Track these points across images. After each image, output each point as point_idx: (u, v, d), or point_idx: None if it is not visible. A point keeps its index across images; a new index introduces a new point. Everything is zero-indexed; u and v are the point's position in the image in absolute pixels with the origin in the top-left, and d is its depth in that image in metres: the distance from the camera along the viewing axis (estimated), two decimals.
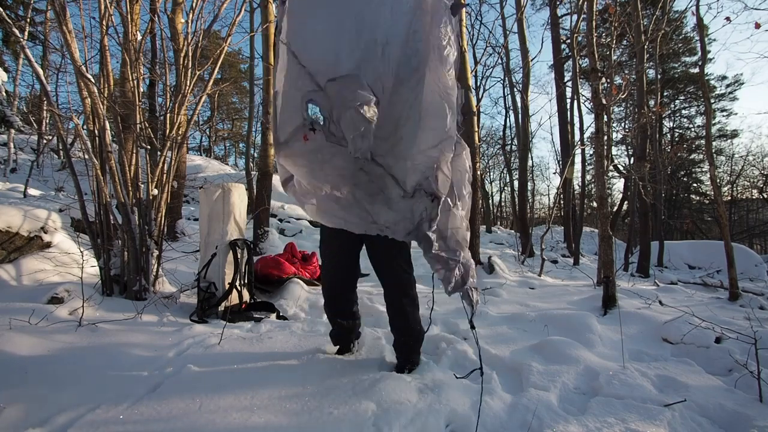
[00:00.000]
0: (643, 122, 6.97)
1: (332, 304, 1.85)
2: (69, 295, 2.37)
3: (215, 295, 2.57)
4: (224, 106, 20.25)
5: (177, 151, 3.03)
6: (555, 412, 1.45)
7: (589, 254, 11.04)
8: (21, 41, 2.81)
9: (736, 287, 4.12)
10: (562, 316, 2.59)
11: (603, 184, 3.41)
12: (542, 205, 23.17)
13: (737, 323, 2.61)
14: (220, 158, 21.13)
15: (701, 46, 5.20)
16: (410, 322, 1.76)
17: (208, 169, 12.80)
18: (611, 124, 9.66)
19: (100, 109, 2.52)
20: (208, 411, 1.35)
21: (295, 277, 3.42)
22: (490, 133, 21.27)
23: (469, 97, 5.31)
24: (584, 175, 9.66)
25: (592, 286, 4.41)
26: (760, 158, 18.01)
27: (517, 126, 12.46)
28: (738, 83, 17.78)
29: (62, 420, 1.25)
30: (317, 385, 1.55)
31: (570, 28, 11.14)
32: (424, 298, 1.85)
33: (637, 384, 1.67)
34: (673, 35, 13.54)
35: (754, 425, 1.41)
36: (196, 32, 3.01)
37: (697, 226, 17.66)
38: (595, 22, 3.68)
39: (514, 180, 15.99)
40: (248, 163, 9.53)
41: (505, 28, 11.86)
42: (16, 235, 2.67)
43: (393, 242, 1.71)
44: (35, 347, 1.73)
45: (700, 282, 5.81)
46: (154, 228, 2.76)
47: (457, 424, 1.38)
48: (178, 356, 1.83)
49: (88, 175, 2.80)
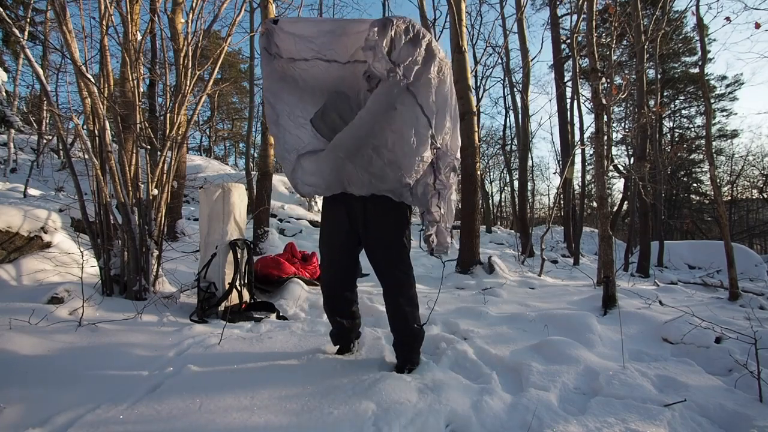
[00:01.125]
0: (643, 122, 6.97)
1: (331, 304, 1.85)
2: (69, 295, 2.37)
3: (215, 295, 2.57)
4: (224, 106, 20.24)
5: (177, 151, 3.03)
6: (555, 412, 1.44)
7: (589, 254, 11.04)
8: (21, 41, 2.81)
9: (736, 287, 4.12)
10: (562, 316, 2.58)
11: (603, 184, 3.41)
12: (542, 205, 23.20)
13: (737, 323, 2.61)
14: (220, 158, 21.13)
15: (701, 46, 5.20)
16: (409, 322, 1.76)
17: (208, 169, 12.80)
18: (611, 124, 9.67)
19: (100, 109, 2.52)
20: (208, 411, 1.35)
21: (295, 277, 3.42)
22: (490, 133, 21.27)
23: (469, 97, 5.31)
24: (584, 175, 9.66)
25: (592, 286, 4.41)
26: (760, 158, 18.02)
27: (517, 126, 12.46)
28: (738, 83, 17.80)
29: (62, 420, 1.25)
30: (317, 385, 1.55)
31: (570, 28, 11.15)
32: (424, 298, 1.85)
33: (637, 384, 1.67)
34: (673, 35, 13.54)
35: (754, 425, 1.41)
36: (196, 32, 3.01)
37: (697, 226, 17.66)
38: (595, 22, 3.68)
39: (514, 180, 15.99)
40: (248, 163, 9.53)
41: (505, 28, 11.87)
42: (16, 235, 2.67)
43: (391, 242, 1.72)
44: (35, 347, 1.73)
45: (700, 282, 5.81)
46: (154, 228, 2.76)
47: (457, 424, 1.38)
48: (178, 356, 1.83)
49: (88, 175, 2.80)
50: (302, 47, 1.65)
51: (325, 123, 1.71)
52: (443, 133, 1.66)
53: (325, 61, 1.66)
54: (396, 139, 1.59)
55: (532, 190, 14.20)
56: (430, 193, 1.70)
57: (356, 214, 1.73)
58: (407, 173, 1.61)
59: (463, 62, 5.36)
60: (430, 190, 1.69)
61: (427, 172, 1.69)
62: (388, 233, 1.72)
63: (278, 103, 1.77)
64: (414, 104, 1.57)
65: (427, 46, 1.55)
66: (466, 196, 5.22)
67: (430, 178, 1.70)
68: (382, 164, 1.62)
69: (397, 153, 1.60)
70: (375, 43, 1.42)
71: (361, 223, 1.73)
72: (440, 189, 1.71)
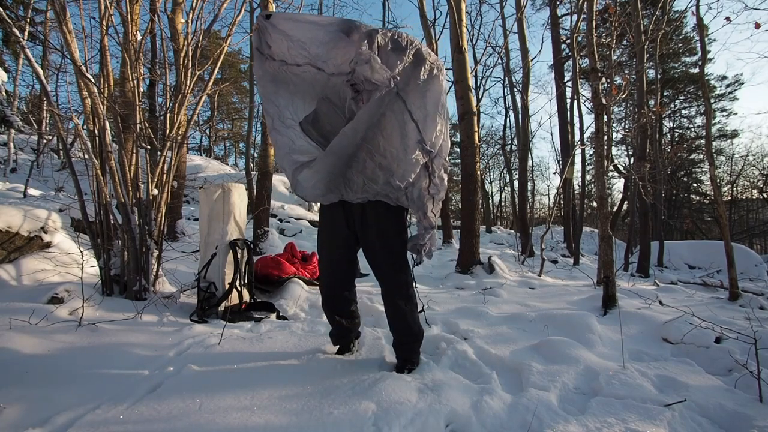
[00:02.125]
0: (643, 122, 6.97)
1: (330, 303, 1.86)
2: (69, 295, 2.37)
3: (215, 295, 2.57)
4: (224, 106, 20.25)
5: (177, 151, 3.03)
6: (555, 412, 1.44)
7: (589, 254, 11.05)
8: (21, 41, 2.81)
9: (736, 287, 4.12)
10: (562, 316, 2.58)
11: (603, 184, 3.41)
12: (542, 205, 23.21)
13: (737, 323, 2.61)
14: (220, 158, 21.13)
15: (701, 46, 5.20)
16: (408, 323, 1.76)
17: (208, 169, 12.81)
18: (611, 124, 9.67)
19: (100, 109, 2.52)
20: (208, 411, 1.35)
21: (295, 277, 3.42)
22: (490, 133, 21.32)
23: (469, 97, 5.31)
24: (584, 175, 9.66)
25: (592, 286, 4.41)
26: (760, 158, 18.02)
27: (517, 126, 12.46)
28: (738, 83, 17.80)
29: (62, 420, 1.25)
30: (317, 385, 1.55)
31: (570, 28, 11.15)
32: (424, 298, 1.85)
33: (637, 384, 1.67)
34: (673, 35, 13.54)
35: (754, 425, 1.41)
36: (196, 32, 3.01)
37: (697, 226, 17.67)
38: (595, 22, 3.68)
39: (514, 180, 16.00)
40: (248, 163, 9.52)
41: (505, 28, 11.88)
42: (16, 235, 2.67)
43: (389, 243, 1.72)
44: (35, 347, 1.73)
45: (700, 282, 5.81)
46: (154, 228, 2.76)
47: (457, 424, 1.38)
48: (179, 356, 1.83)
49: (88, 175, 2.80)
50: (296, 53, 1.64)
51: (315, 128, 1.72)
52: (434, 137, 1.66)
53: (316, 68, 1.66)
54: (386, 145, 1.62)
55: (532, 190, 14.20)
56: (425, 197, 1.70)
57: (354, 215, 1.74)
58: (397, 176, 1.63)
59: (463, 62, 5.36)
60: (425, 194, 1.70)
61: (422, 175, 1.69)
62: (385, 234, 1.73)
63: (270, 107, 1.77)
64: (403, 110, 1.59)
65: (416, 52, 1.57)
66: (466, 196, 5.22)
67: (424, 182, 1.70)
68: (374, 166, 1.64)
69: (388, 157, 1.62)
70: (370, 56, 1.44)
71: (359, 224, 1.74)
72: (434, 194, 1.72)
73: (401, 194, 1.68)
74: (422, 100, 1.61)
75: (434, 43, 7.87)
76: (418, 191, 1.69)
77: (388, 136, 1.62)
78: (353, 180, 1.66)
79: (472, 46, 11.77)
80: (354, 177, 1.66)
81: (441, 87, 1.66)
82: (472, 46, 11.77)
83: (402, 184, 1.64)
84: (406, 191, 1.68)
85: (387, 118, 1.60)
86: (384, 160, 1.63)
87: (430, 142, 1.65)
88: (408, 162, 1.62)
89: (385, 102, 1.57)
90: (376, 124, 1.61)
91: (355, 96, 1.68)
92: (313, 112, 1.74)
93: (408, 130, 1.61)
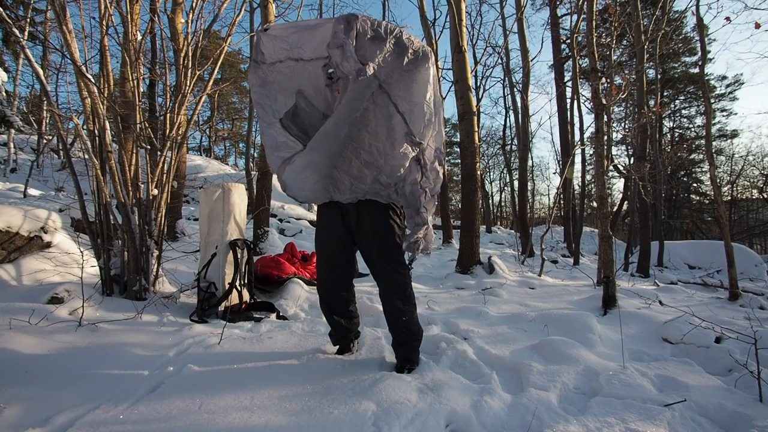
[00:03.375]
0: (643, 122, 6.97)
1: (328, 303, 1.86)
2: (69, 295, 2.37)
3: (215, 295, 2.57)
4: (224, 106, 20.25)
5: (177, 151, 3.03)
6: (555, 412, 1.44)
7: (589, 254, 11.04)
8: (21, 41, 2.80)
9: (736, 287, 4.12)
10: (562, 316, 2.58)
11: (603, 184, 3.41)
12: (542, 205, 23.23)
13: (737, 323, 2.61)
14: (220, 158, 21.14)
15: (701, 46, 5.20)
16: (407, 322, 1.76)
17: (208, 169, 12.82)
18: (611, 124, 9.66)
19: (100, 109, 2.52)
20: (208, 411, 1.35)
21: (295, 277, 3.42)
22: (490, 133, 21.35)
23: (469, 97, 5.31)
24: (584, 175, 9.66)
25: (592, 286, 4.41)
26: (760, 158, 18.00)
27: (517, 126, 12.47)
28: (738, 83, 17.79)
29: (62, 420, 1.25)
30: (317, 385, 1.55)
31: (570, 28, 11.14)
32: (424, 298, 1.85)
33: (637, 384, 1.67)
34: (673, 35, 13.54)
35: (754, 425, 1.41)
36: (196, 32, 3.01)
37: (697, 226, 17.65)
38: (595, 22, 3.69)
39: (514, 180, 16.00)
40: (248, 163, 9.52)
41: (505, 28, 11.88)
42: (16, 235, 2.67)
43: (385, 242, 1.72)
44: (35, 347, 1.73)
45: (700, 282, 5.80)
46: (154, 228, 2.76)
47: (457, 424, 1.38)
48: (179, 356, 1.83)
49: (88, 175, 2.80)
50: (278, 49, 1.64)
51: (294, 123, 1.71)
52: (423, 128, 1.61)
53: (294, 60, 1.64)
54: (372, 140, 1.57)
55: (532, 190, 14.22)
56: (418, 192, 1.66)
57: (350, 215, 1.74)
58: (385, 173, 1.60)
59: (463, 62, 5.37)
60: (418, 189, 1.66)
61: (414, 170, 1.65)
62: (380, 233, 1.72)
63: (259, 110, 1.79)
64: (388, 103, 1.53)
65: (396, 40, 1.47)
66: (466, 196, 5.22)
67: (417, 176, 1.65)
68: (359, 164, 1.60)
69: (374, 154, 1.58)
70: (343, 41, 1.37)
71: (354, 223, 1.73)
72: (427, 187, 1.68)
73: (391, 191, 1.66)
74: (407, 91, 1.54)
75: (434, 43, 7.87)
76: (410, 186, 1.66)
77: (373, 131, 1.56)
78: (340, 180, 1.64)
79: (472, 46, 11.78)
80: (341, 177, 1.64)
81: (428, 74, 1.57)
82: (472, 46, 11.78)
83: (391, 181, 1.62)
84: (396, 188, 1.65)
85: (371, 113, 1.54)
86: (370, 156, 1.58)
87: (419, 134, 1.60)
88: (396, 157, 1.57)
89: (367, 96, 1.51)
90: (359, 120, 1.54)
91: (329, 83, 1.66)
92: (293, 106, 1.73)
93: (394, 124, 1.56)
